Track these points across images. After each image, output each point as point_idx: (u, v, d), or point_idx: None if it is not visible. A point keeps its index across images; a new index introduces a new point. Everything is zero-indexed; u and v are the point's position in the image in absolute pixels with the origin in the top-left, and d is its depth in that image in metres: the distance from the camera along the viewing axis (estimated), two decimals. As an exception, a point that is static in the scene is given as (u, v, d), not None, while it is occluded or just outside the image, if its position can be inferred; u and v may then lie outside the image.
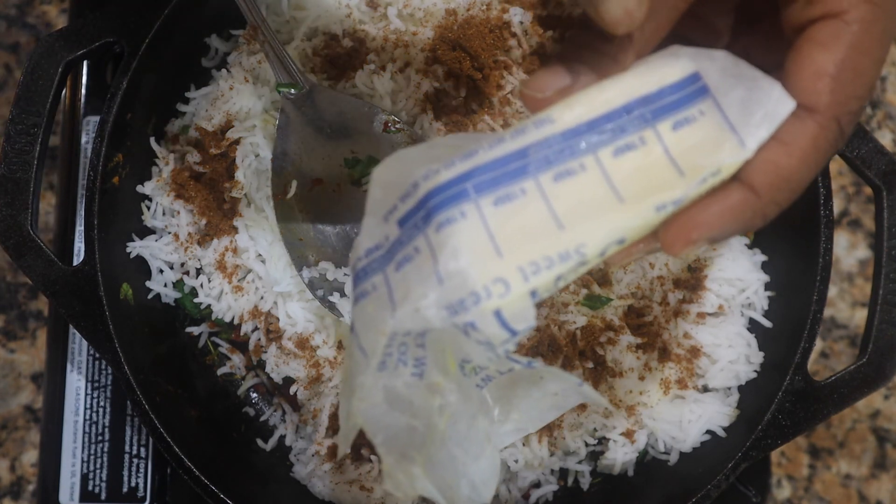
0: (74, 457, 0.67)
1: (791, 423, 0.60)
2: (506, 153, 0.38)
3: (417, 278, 0.37)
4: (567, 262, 0.37)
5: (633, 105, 0.38)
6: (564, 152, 0.38)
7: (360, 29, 0.65)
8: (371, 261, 0.39)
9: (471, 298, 0.36)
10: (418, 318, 0.37)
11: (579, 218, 0.37)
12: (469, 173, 0.37)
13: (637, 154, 0.38)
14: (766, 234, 0.66)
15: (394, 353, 0.39)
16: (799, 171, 0.38)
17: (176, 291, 0.66)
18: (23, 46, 0.72)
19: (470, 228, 0.36)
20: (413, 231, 0.38)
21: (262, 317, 0.65)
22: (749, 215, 0.39)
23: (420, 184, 0.38)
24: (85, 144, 0.70)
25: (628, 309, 0.64)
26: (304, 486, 0.65)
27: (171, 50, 0.63)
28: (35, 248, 0.60)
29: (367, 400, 0.39)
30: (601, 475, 0.66)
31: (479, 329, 0.36)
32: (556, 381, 0.43)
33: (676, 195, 0.37)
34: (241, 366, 0.67)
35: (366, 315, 0.39)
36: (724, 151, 0.38)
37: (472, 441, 0.42)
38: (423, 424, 0.40)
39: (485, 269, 0.36)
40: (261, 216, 0.65)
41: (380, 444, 0.40)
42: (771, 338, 0.65)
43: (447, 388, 0.41)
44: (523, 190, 0.37)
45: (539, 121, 0.38)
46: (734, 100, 0.38)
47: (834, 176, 0.64)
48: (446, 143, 0.39)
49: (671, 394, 0.64)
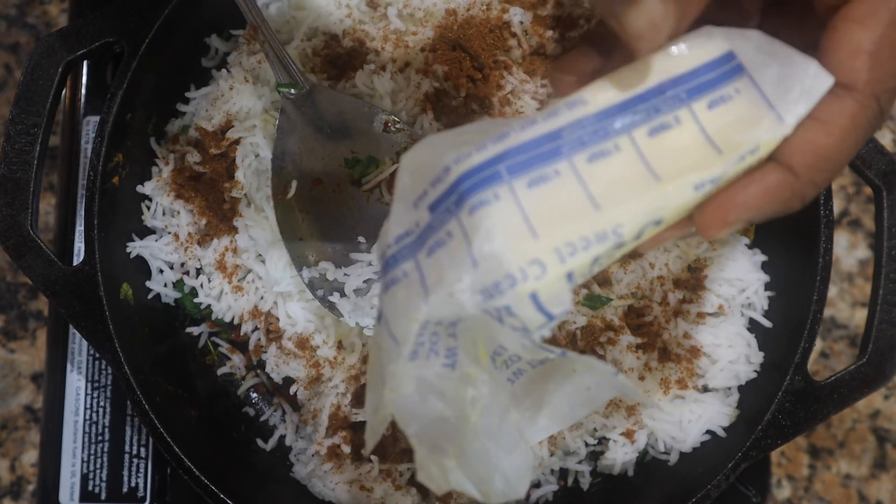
0: (74, 457, 0.67)
1: (791, 423, 0.60)
2: (538, 135, 0.37)
3: (451, 263, 0.36)
4: (604, 242, 0.36)
5: (667, 85, 0.38)
6: (598, 133, 0.37)
7: (360, 29, 0.65)
8: (401, 247, 0.38)
9: (506, 281, 0.35)
10: (452, 303, 0.36)
11: (615, 198, 0.36)
12: (501, 156, 0.37)
13: (672, 133, 0.37)
14: (767, 234, 0.66)
15: (425, 342, 0.38)
16: (838, 150, 0.38)
17: (176, 291, 0.66)
18: (23, 46, 0.72)
19: (504, 210, 0.36)
20: (445, 215, 0.37)
21: (262, 317, 0.65)
22: (787, 196, 0.38)
23: (451, 168, 0.37)
24: (85, 144, 0.70)
25: (628, 309, 0.64)
26: (304, 486, 0.65)
27: (171, 50, 0.63)
28: (35, 248, 0.60)
29: (398, 390, 0.38)
30: (601, 475, 0.66)
31: (514, 313, 0.35)
32: (589, 374, 0.42)
33: (715, 173, 0.37)
34: (241, 366, 0.67)
35: (397, 302, 0.38)
36: (761, 128, 0.37)
37: (505, 434, 0.41)
38: (455, 416, 0.40)
39: (520, 250, 0.35)
40: (261, 216, 0.65)
41: (413, 434, 0.39)
42: (771, 338, 0.65)
43: (479, 379, 0.40)
44: (557, 171, 0.37)
45: (571, 102, 0.38)
46: (770, 77, 0.38)
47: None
48: (476, 128, 0.39)
49: (671, 394, 0.64)
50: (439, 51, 0.63)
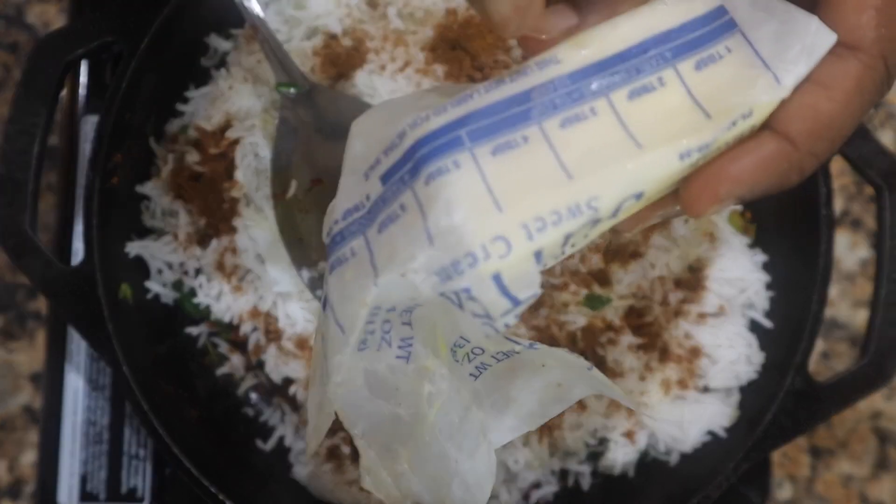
0: (73, 457, 0.67)
1: (792, 424, 0.60)
2: (505, 97, 0.32)
3: (404, 239, 0.32)
4: (577, 217, 0.31)
5: (650, 43, 0.33)
6: (572, 95, 0.32)
7: (360, 28, 0.65)
8: (349, 223, 0.34)
9: (466, 260, 0.31)
10: (405, 284, 0.31)
11: (591, 167, 0.32)
12: (463, 119, 0.32)
13: (655, 96, 0.33)
14: (767, 234, 0.66)
15: (376, 331, 0.34)
16: (841, 116, 0.33)
17: (175, 292, 0.66)
18: (21, 46, 0.72)
19: (465, 180, 0.31)
20: (399, 186, 0.33)
21: (262, 317, 0.65)
22: (785, 168, 0.34)
23: (407, 133, 0.33)
24: (84, 144, 0.70)
25: (629, 309, 0.64)
26: (304, 486, 0.65)
27: (171, 49, 0.63)
28: (33, 249, 0.59)
29: (345, 384, 0.34)
30: (602, 476, 0.66)
31: (475, 297, 0.31)
32: (560, 368, 0.38)
33: (703, 140, 0.32)
34: (241, 366, 0.67)
35: (343, 285, 0.33)
36: (756, 89, 0.33)
37: (466, 435, 0.37)
38: (410, 414, 0.36)
39: (483, 225, 0.31)
40: (260, 216, 0.65)
41: (359, 435, 0.35)
42: (772, 338, 0.65)
43: (438, 373, 0.36)
44: (525, 137, 0.32)
45: (543, 61, 0.33)
46: (766, 34, 0.34)
47: (835, 175, 0.63)
48: (439, 90, 0.34)
49: (672, 394, 0.64)
50: (439, 50, 0.63)
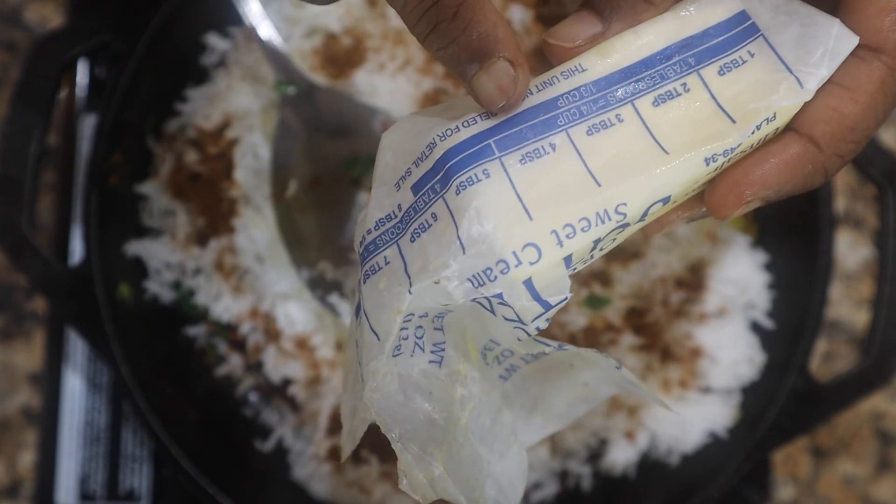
0: (71, 458, 0.67)
1: (793, 424, 0.60)
2: (531, 106, 0.34)
3: (436, 248, 0.33)
4: (606, 223, 0.33)
5: (674, 49, 0.35)
6: (598, 103, 0.34)
7: (360, 27, 0.65)
8: (382, 233, 0.35)
9: (498, 267, 0.32)
10: (439, 292, 0.33)
11: (618, 174, 0.33)
12: (491, 130, 0.33)
13: (680, 102, 0.34)
14: (769, 234, 0.66)
15: (410, 336, 0.35)
16: (865, 118, 0.34)
17: (174, 292, 0.66)
18: (19, 45, 0.71)
19: (495, 189, 0.33)
20: (430, 196, 0.34)
21: (261, 317, 0.64)
22: (809, 170, 0.35)
23: (436, 144, 0.34)
24: (82, 144, 0.69)
25: (630, 309, 0.64)
26: (303, 487, 0.65)
27: (169, 48, 0.63)
28: (32, 249, 0.59)
29: (380, 390, 0.35)
30: (602, 476, 0.66)
31: (507, 302, 0.32)
32: (588, 368, 0.39)
33: (728, 144, 0.33)
34: (240, 367, 0.67)
35: (377, 293, 0.35)
36: (779, 93, 0.34)
37: (497, 437, 0.38)
38: (443, 418, 0.37)
39: (513, 233, 0.32)
40: (259, 216, 0.64)
41: (396, 439, 0.36)
42: (773, 338, 0.64)
43: (469, 377, 0.37)
44: (553, 145, 0.33)
45: (568, 70, 0.34)
46: (788, 38, 0.34)
47: (838, 174, 0.63)
48: (465, 103, 0.35)
49: (673, 395, 0.63)
50: (439, 49, 0.63)
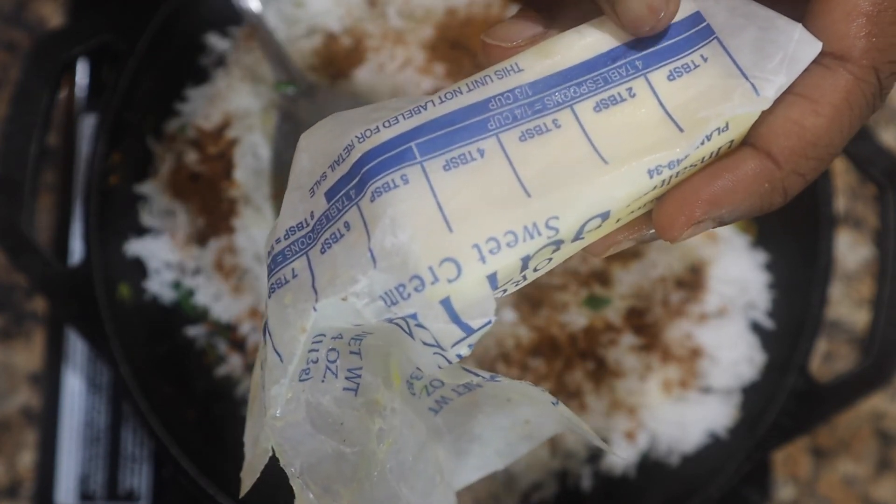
0: (71, 458, 0.66)
1: (793, 424, 0.60)
2: (460, 107, 0.30)
3: (346, 260, 0.29)
4: (535, 238, 0.29)
5: (620, 51, 0.31)
6: (534, 106, 0.30)
7: (360, 27, 0.64)
8: (291, 242, 0.31)
9: (412, 283, 0.28)
10: (347, 310, 0.29)
11: (551, 184, 0.29)
12: (414, 131, 0.30)
13: (624, 108, 0.30)
14: (769, 234, 0.66)
15: (320, 359, 0.31)
16: (828, 132, 0.30)
17: (173, 292, 0.66)
18: (19, 45, 0.71)
19: (413, 196, 0.29)
20: (344, 203, 0.30)
21: (261, 317, 0.64)
22: (766, 189, 0.31)
23: (355, 146, 0.30)
24: (82, 144, 0.69)
25: (629, 310, 0.64)
26: (303, 487, 0.65)
27: (169, 48, 0.63)
28: (31, 249, 0.59)
29: (285, 417, 0.31)
30: (602, 477, 0.66)
31: (423, 324, 0.28)
32: (529, 404, 0.35)
33: (674, 155, 0.30)
34: (239, 367, 0.67)
35: (282, 309, 0.31)
36: (733, 101, 0.30)
37: (421, 476, 0.34)
38: (355, 452, 0.33)
39: (431, 246, 0.28)
40: (259, 216, 0.64)
41: (297, 474, 0.32)
42: (773, 338, 0.64)
43: (390, 407, 0.33)
44: (481, 151, 0.29)
45: (503, 70, 0.31)
46: (745, 42, 0.31)
47: (837, 174, 0.63)
48: (396, 103, 0.32)
49: (673, 395, 0.63)
50: (439, 49, 0.63)
